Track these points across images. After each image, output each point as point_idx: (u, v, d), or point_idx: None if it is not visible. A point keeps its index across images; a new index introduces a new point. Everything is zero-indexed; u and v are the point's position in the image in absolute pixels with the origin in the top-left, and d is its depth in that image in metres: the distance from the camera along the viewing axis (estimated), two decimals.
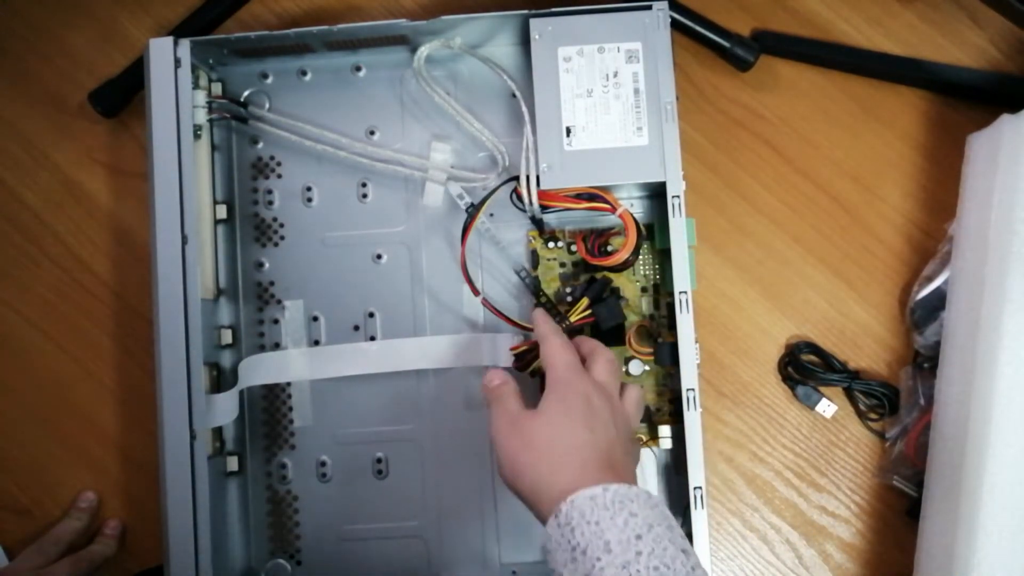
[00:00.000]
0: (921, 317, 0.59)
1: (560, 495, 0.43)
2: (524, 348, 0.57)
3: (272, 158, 0.62)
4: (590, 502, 0.42)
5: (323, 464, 0.61)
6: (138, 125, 0.64)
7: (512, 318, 0.57)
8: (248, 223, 0.62)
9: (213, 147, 0.61)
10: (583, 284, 0.59)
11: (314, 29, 0.57)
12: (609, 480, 0.43)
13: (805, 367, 0.61)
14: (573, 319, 0.56)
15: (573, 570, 0.41)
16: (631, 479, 0.46)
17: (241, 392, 0.60)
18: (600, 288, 0.58)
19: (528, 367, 0.57)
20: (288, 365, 0.60)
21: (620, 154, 0.54)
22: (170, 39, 0.57)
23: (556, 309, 0.58)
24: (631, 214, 0.55)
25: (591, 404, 0.48)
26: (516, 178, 0.56)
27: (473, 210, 0.57)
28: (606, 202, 0.54)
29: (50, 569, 0.57)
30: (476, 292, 0.57)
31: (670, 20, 0.55)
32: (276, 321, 0.61)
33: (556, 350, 0.50)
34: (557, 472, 0.45)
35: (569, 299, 0.60)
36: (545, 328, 0.53)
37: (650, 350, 0.58)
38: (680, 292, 0.54)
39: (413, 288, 0.61)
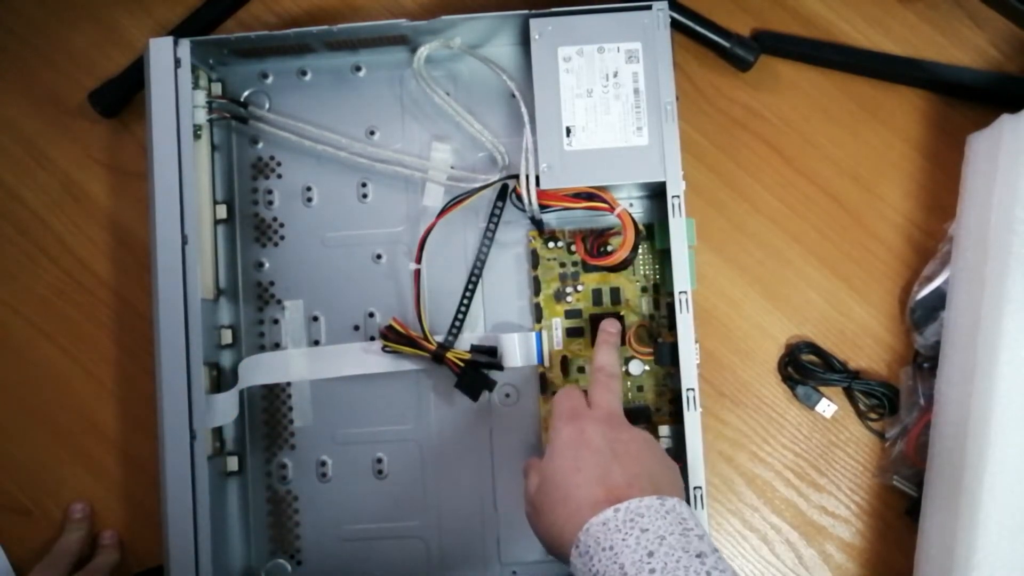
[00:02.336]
0: (921, 317, 0.59)
1: (578, 527, 0.43)
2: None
3: (272, 158, 0.62)
4: (602, 527, 0.42)
5: (323, 464, 0.61)
6: (138, 125, 0.64)
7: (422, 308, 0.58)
8: (248, 223, 0.62)
9: (213, 147, 0.61)
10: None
11: (314, 29, 0.57)
12: (620, 498, 0.43)
13: (805, 367, 0.61)
14: None
15: None
16: (647, 491, 0.45)
17: (241, 392, 0.60)
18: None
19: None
20: (288, 365, 0.60)
21: (620, 154, 0.54)
22: (170, 39, 0.57)
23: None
24: (629, 213, 0.55)
25: (583, 434, 0.48)
26: (512, 177, 0.57)
27: (463, 194, 0.57)
28: (604, 201, 0.54)
29: None
30: (417, 261, 0.58)
31: (670, 20, 0.55)
32: (276, 321, 0.61)
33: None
34: (568, 508, 0.45)
35: (569, 299, 0.60)
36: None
37: (650, 350, 0.58)
38: (680, 292, 0.54)
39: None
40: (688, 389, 0.53)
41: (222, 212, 0.61)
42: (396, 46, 0.60)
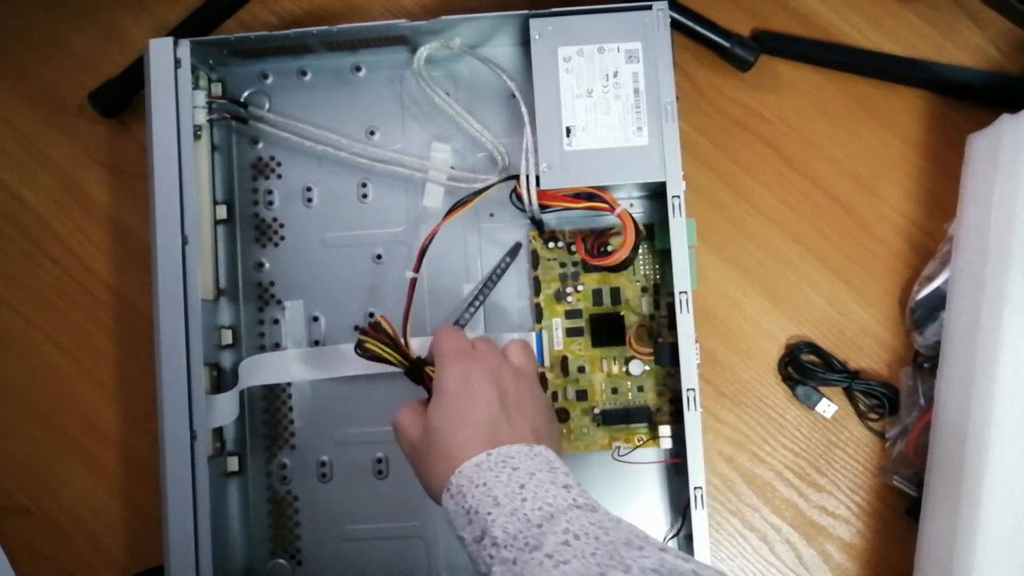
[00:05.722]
0: (921, 317, 0.59)
1: (450, 471, 0.46)
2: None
3: (272, 158, 0.62)
4: (475, 468, 0.46)
5: (323, 464, 0.61)
6: (138, 125, 0.64)
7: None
8: (248, 223, 0.62)
9: (213, 147, 0.61)
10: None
11: (314, 29, 0.57)
12: (496, 443, 0.47)
13: (805, 367, 0.61)
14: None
15: (471, 530, 0.44)
16: (524, 440, 0.48)
17: (241, 392, 0.60)
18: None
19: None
20: (288, 365, 0.60)
21: (620, 154, 0.54)
22: (170, 39, 0.57)
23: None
24: (629, 214, 0.55)
25: (470, 383, 0.50)
26: (513, 177, 0.57)
27: (465, 197, 0.57)
28: (605, 201, 0.54)
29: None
30: (415, 270, 0.57)
31: (670, 20, 0.55)
32: (276, 321, 0.61)
33: (441, 338, 0.53)
34: (447, 455, 0.47)
35: (569, 299, 0.60)
36: (440, 329, 0.55)
37: (650, 350, 0.58)
38: (680, 292, 0.54)
39: None
40: (688, 389, 0.53)
41: (222, 212, 0.61)
42: (396, 46, 0.60)
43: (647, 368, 0.59)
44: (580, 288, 0.60)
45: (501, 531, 0.42)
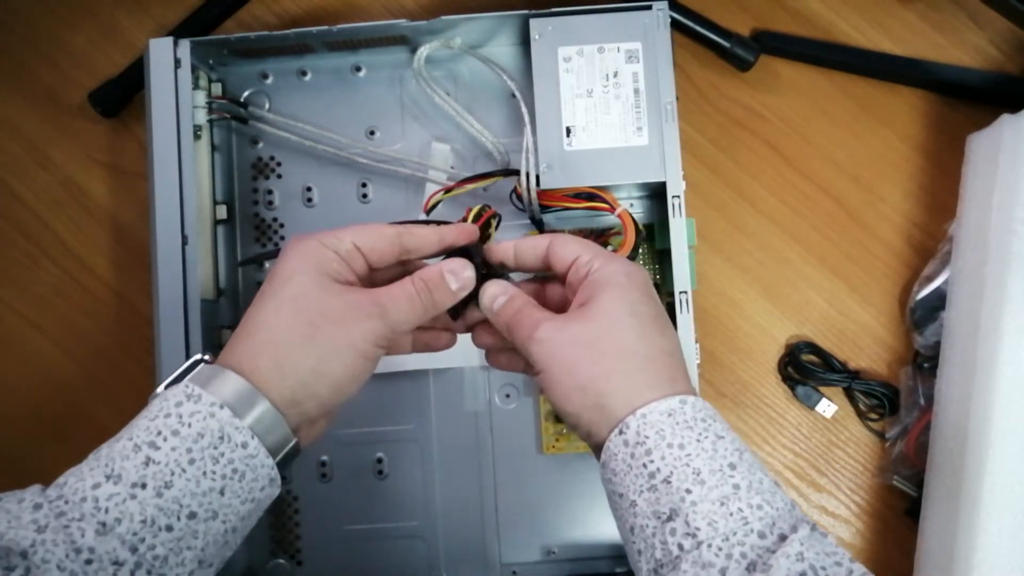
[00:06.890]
0: (921, 317, 0.59)
1: (629, 408, 0.36)
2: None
3: (272, 158, 0.62)
4: (667, 419, 0.36)
5: (323, 464, 0.61)
6: (138, 125, 0.64)
7: None
8: (248, 223, 0.62)
9: (213, 147, 0.61)
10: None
11: (314, 29, 0.57)
12: (683, 391, 0.37)
13: (805, 367, 0.61)
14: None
15: (653, 500, 0.34)
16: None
17: None
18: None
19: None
20: None
21: (620, 154, 0.54)
22: (170, 39, 0.57)
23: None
24: (630, 214, 0.55)
25: (656, 302, 0.40)
26: (516, 171, 0.56)
27: (461, 179, 0.56)
28: (605, 202, 0.54)
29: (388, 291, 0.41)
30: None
31: (670, 20, 0.55)
32: None
33: (589, 244, 0.42)
34: (630, 382, 0.37)
35: None
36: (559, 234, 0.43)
37: None
38: (680, 292, 0.54)
39: None
40: None
41: (222, 212, 0.61)
42: (396, 46, 0.60)
43: None
44: None
45: (706, 524, 0.33)
